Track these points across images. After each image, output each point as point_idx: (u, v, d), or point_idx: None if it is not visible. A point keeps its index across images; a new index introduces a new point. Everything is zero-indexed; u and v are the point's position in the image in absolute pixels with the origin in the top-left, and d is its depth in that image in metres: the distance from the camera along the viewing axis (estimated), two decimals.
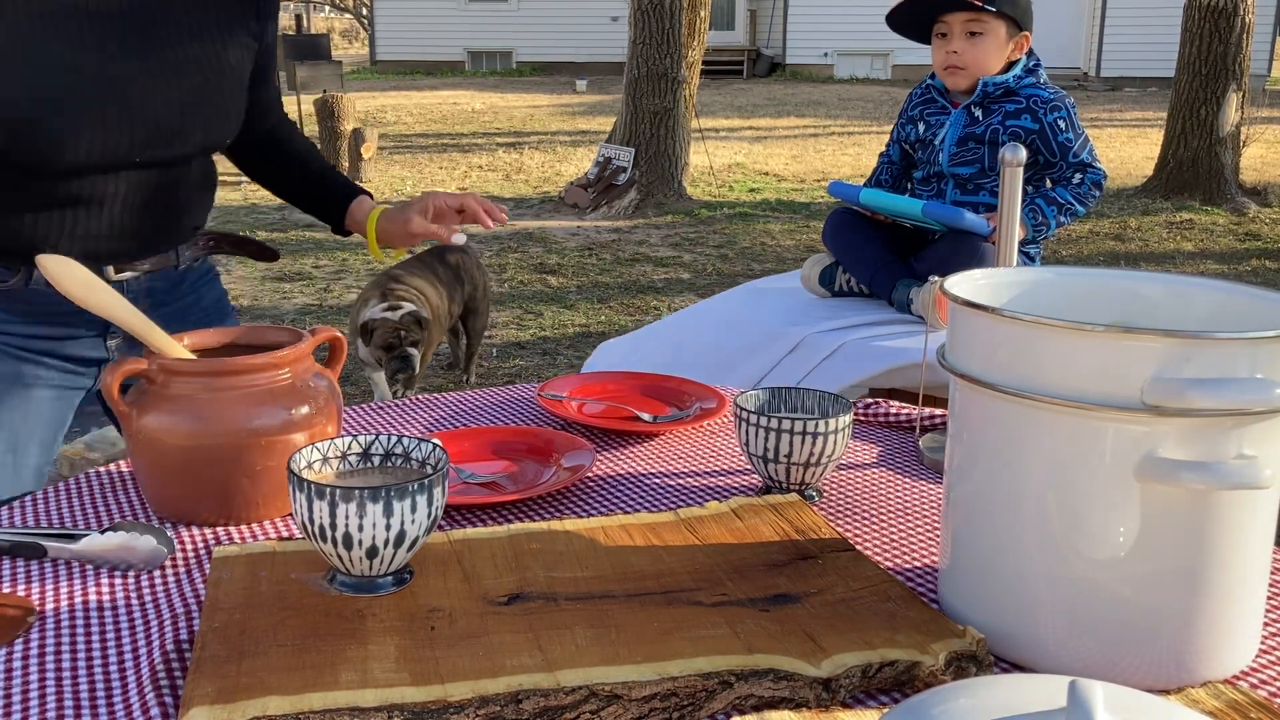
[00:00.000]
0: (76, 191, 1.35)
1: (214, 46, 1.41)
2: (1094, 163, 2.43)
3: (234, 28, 1.44)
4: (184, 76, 1.37)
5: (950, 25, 2.43)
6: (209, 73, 1.39)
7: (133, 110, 1.33)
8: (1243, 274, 6.28)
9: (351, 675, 0.74)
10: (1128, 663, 0.80)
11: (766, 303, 2.65)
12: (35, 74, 1.27)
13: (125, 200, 1.39)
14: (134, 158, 1.35)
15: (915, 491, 1.19)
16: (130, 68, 1.32)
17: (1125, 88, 16.89)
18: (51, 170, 1.32)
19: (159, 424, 1.04)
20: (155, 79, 1.34)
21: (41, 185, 1.34)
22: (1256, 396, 0.74)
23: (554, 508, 1.12)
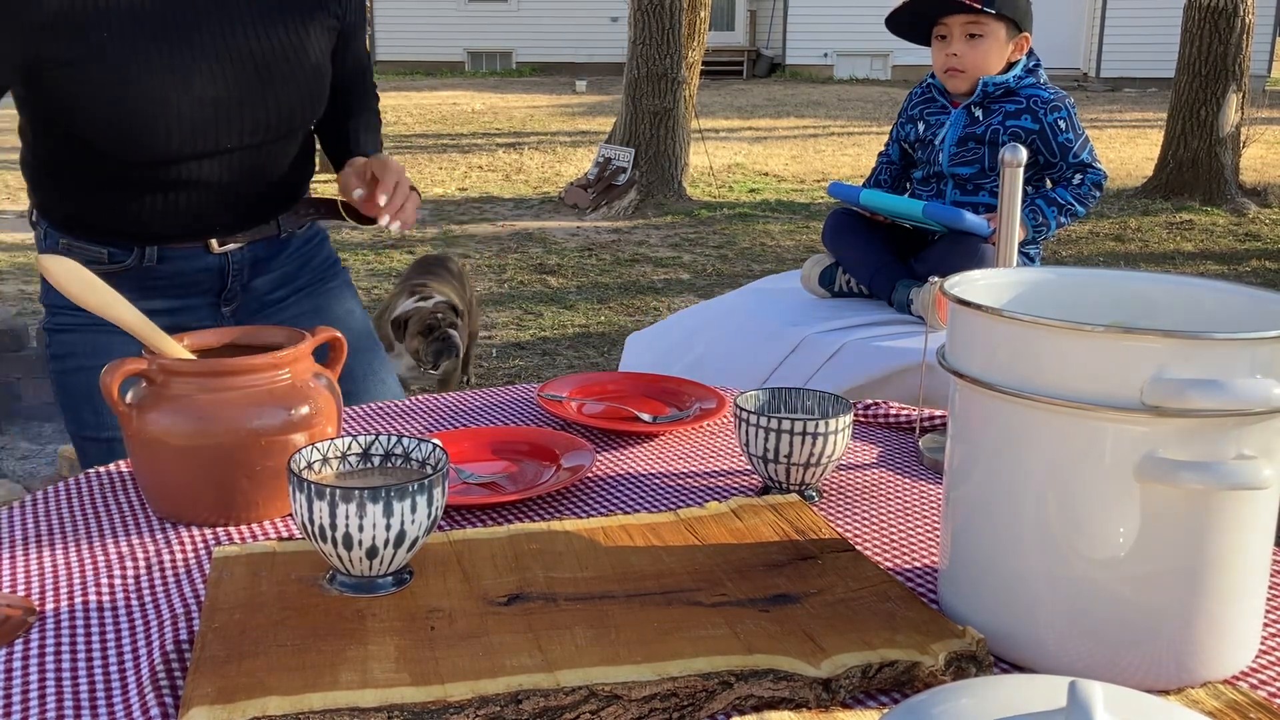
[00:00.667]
0: (177, 176, 1.47)
1: (298, 35, 1.50)
2: (1094, 163, 2.43)
3: (315, 13, 1.53)
4: (272, 68, 1.47)
5: (950, 27, 2.43)
6: (294, 62, 1.49)
7: (228, 105, 1.44)
8: (1243, 274, 6.28)
9: (351, 675, 0.74)
10: (1128, 663, 0.80)
11: (766, 303, 2.65)
12: (138, 78, 1.38)
13: (223, 180, 1.51)
14: (230, 144, 1.47)
15: (915, 491, 1.19)
16: (221, 66, 1.43)
17: (1125, 88, 16.90)
18: (155, 162, 1.45)
19: (159, 424, 1.04)
20: (244, 74, 1.45)
21: (146, 175, 1.46)
22: (1256, 397, 0.74)
23: (554, 508, 1.12)
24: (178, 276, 1.54)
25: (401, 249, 6.79)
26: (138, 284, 1.52)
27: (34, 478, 3.40)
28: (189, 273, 1.57)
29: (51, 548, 1.02)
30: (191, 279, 1.56)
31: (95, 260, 1.52)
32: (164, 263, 1.54)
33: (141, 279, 1.54)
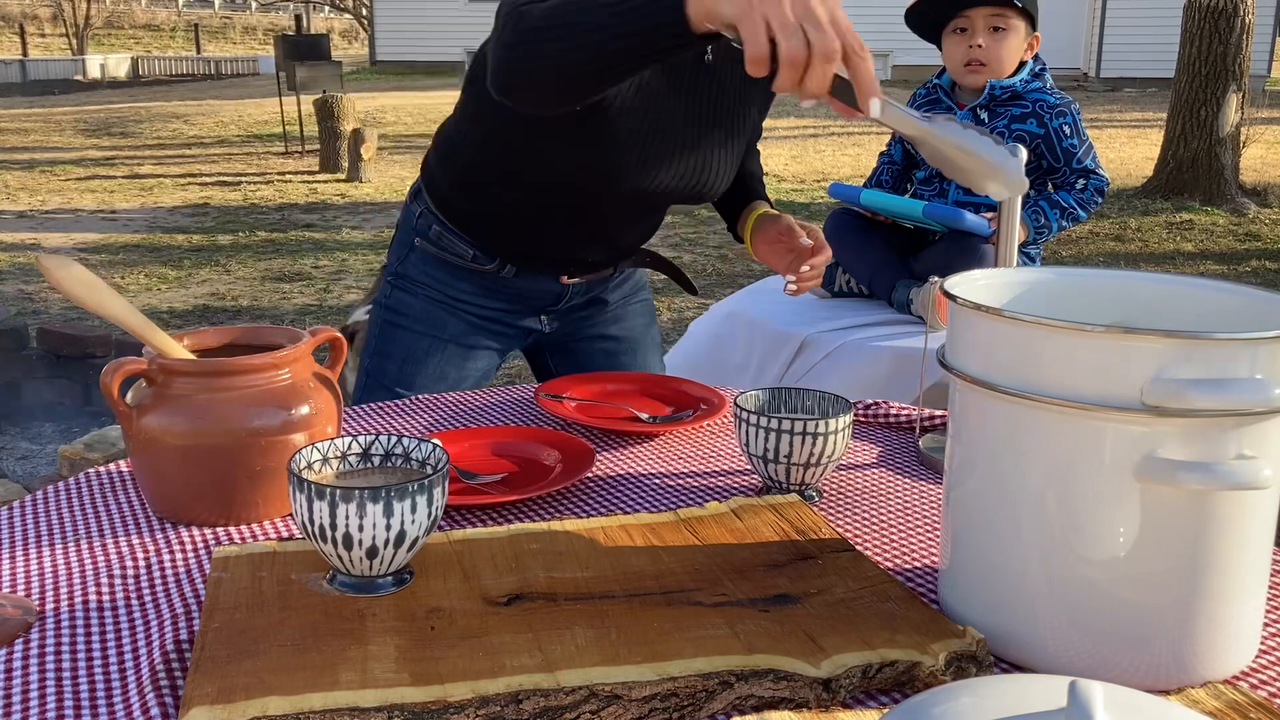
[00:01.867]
0: (604, 221, 1.59)
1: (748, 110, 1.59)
2: (1097, 169, 2.43)
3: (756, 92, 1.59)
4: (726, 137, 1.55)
5: (973, 20, 2.42)
6: (737, 135, 1.56)
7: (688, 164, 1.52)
8: (1243, 274, 6.28)
9: (351, 675, 0.74)
10: (1128, 663, 0.80)
11: (767, 303, 2.65)
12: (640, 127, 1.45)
13: (621, 225, 1.62)
14: (662, 199, 1.56)
15: (915, 491, 1.19)
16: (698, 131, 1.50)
17: (1125, 88, 16.89)
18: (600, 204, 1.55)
19: (159, 424, 1.04)
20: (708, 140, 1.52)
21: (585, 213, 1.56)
22: (1256, 397, 0.74)
23: (554, 508, 1.12)
24: (522, 290, 1.67)
25: None
26: (485, 284, 1.66)
27: (34, 478, 3.40)
28: (533, 292, 1.69)
29: (51, 548, 1.02)
30: (532, 296, 1.69)
31: (457, 256, 1.64)
32: (517, 278, 1.65)
33: (490, 282, 1.66)
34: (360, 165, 9.34)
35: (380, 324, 1.70)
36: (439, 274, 1.67)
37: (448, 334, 1.67)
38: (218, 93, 17.52)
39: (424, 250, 1.67)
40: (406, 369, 1.66)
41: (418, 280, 1.68)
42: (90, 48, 26.79)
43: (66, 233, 7.31)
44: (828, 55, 0.89)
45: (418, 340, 1.67)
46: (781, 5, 0.91)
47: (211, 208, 8.28)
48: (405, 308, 1.68)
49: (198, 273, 6.22)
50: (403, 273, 1.69)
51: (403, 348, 1.67)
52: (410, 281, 1.68)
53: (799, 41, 0.90)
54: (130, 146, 11.54)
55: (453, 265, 1.66)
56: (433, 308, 1.67)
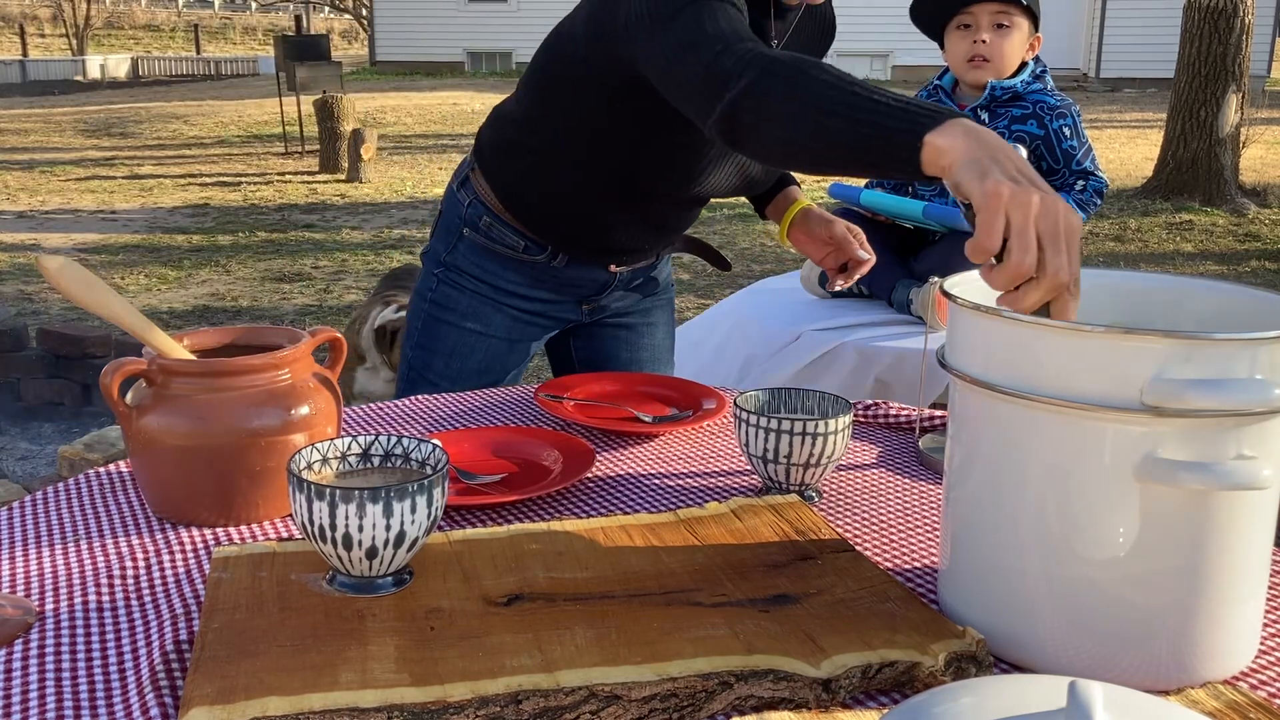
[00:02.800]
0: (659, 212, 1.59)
1: None
2: (1096, 171, 2.43)
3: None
4: None
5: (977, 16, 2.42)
6: None
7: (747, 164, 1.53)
8: (1243, 275, 6.28)
9: (351, 676, 0.74)
10: (1127, 663, 0.80)
11: (766, 303, 2.65)
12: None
13: (674, 223, 1.64)
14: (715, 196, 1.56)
15: (915, 491, 1.19)
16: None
17: (1125, 88, 16.90)
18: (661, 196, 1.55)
19: (159, 424, 1.04)
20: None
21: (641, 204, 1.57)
22: (1256, 397, 0.74)
23: (554, 508, 1.12)
24: (570, 280, 1.68)
25: (401, 249, 6.79)
26: (533, 275, 1.67)
27: (34, 478, 3.40)
28: (581, 281, 1.70)
29: (51, 548, 1.02)
30: (579, 285, 1.70)
31: (509, 247, 1.65)
32: (568, 268, 1.66)
33: (539, 272, 1.67)
34: (360, 165, 9.34)
35: (424, 317, 1.70)
36: (488, 264, 1.66)
37: (494, 331, 1.68)
38: (218, 93, 17.52)
39: (473, 240, 1.66)
40: (453, 364, 1.67)
41: (466, 271, 1.67)
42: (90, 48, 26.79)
43: (66, 233, 7.31)
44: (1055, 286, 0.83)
45: (464, 336, 1.68)
46: (1029, 212, 0.83)
47: (211, 208, 8.28)
48: (452, 303, 1.68)
49: (198, 273, 6.22)
50: (451, 263, 1.68)
51: (448, 343, 1.68)
52: (459, 273, 1.68)
53: (1033, 259, 0.83)
54: (130, 147, 11.54)
55: (502, 256, 1.66)
56: (480, 303, 1.67)
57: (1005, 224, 0.84)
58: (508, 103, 1.65)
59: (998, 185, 0.85)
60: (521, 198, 1.62)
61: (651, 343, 1.85)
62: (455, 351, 1.68)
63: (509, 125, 1.63)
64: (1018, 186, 0.85)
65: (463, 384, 1.67)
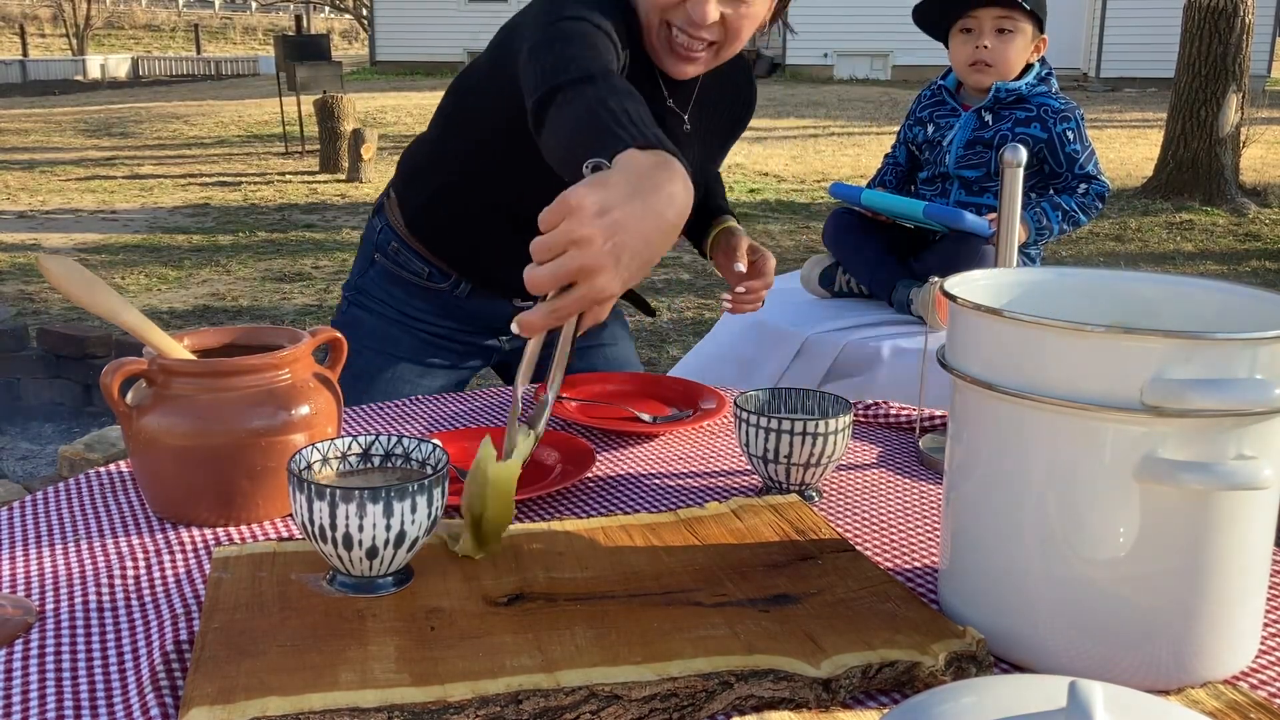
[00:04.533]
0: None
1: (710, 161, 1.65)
2: (1099, 175, 2.43)
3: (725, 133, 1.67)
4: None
5: (980, 20, 2.42)
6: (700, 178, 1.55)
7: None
8: (1243, 274, 6.28)
9: (351, 676, 0.74)
10: (1128, 663, 0.80)
11: (767, 303, 2.65)
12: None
13: None
14: None
15: (915, 491, 1.19)
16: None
17: (1125, 88, 16.89)
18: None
19: (159, 424, 1.04)
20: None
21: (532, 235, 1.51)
22: (1256, 397, 0.74)
23: (554, 508, 1.12)
24: (475, 312, 1.69)
25: None
26: (439, 304, 1.68)
27: (34, 478, 3.40)
28: (485, 313, 1.70)
29: (51, 548, 1.02)
30: (485, 318, 1.70)
31: (414, 274, 1.66)
32: (470, 299, 1.67)
33: (444, 302, 1.68)
34: (360, 165, 9.34)
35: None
36: (396, 291, 1.68)
37: (401, 351, 1.68)
38: (218, 93, 17.52)
39: (383, 266, 1.68)
40: (359, 385, 1.66)
41: (375, 296, 1.69)
42: (90, 48, 26.80)
43: (66, 233, 7.31)
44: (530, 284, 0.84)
45: (371, 359, 1.68)
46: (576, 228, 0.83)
47: (211, 208, 8.28)
48: (359, 324, 1.69)
49: (198, 273, 6.22)
50: (361, 287, 1.70)
51: (356, 365, 1.65)
52: (367, 297, 1.69)
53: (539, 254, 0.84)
54: (130, 147, 11.54)
55: (409, 283, 1.67)
56: (387, 325, 1.68)
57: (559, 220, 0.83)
58: (425, 131, 1.66)
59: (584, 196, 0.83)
60: (426, 224, 1.63)
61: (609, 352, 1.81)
62: (362, 373, 1.67)
63: (420, 153, 1.65)
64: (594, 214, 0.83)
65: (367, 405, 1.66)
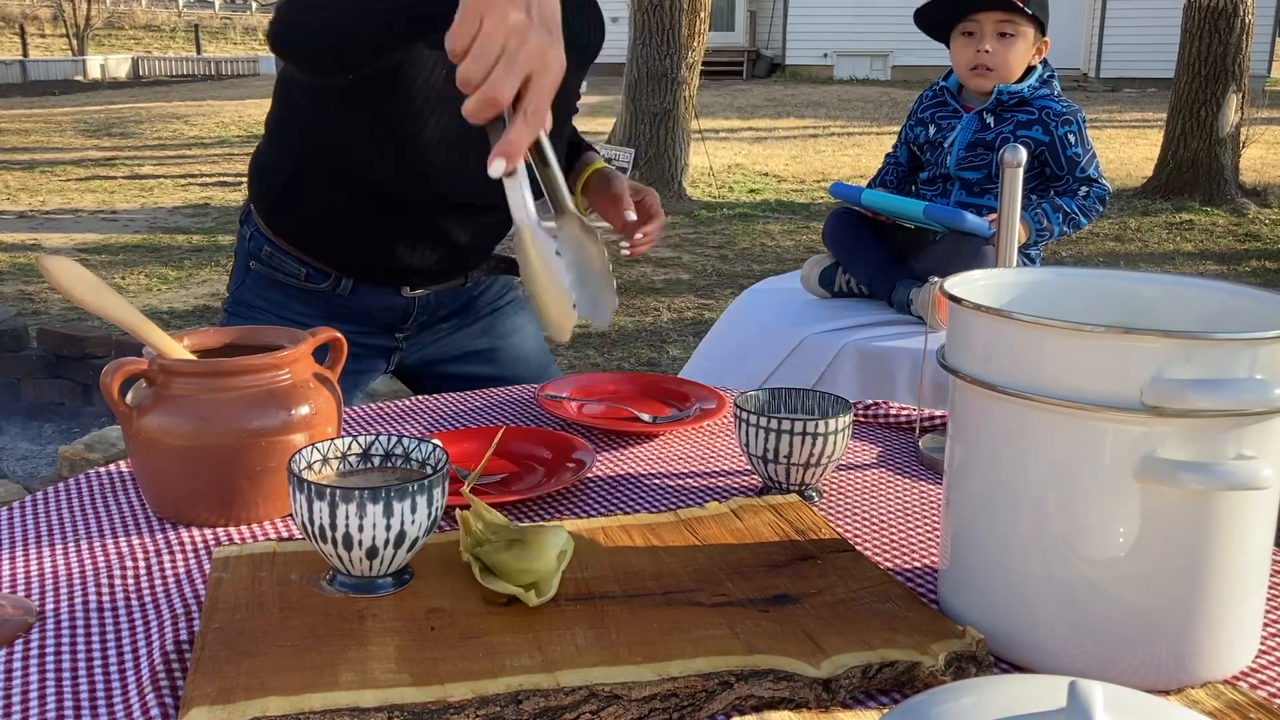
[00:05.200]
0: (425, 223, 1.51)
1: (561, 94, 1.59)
2: (1099, 178, 2.43)
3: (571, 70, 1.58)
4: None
5: (981, 24, 2.42)
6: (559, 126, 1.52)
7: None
8: (1243, 274, 6.28)
9: (351, 676, 0.74)
10: (1128, 663, 0.80)
11: (767, 303, 2.65)
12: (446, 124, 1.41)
13: (456, 233, 1.55)
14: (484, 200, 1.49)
15: (915, 491, 1.19)
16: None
17: (1125, 88, 16.90)
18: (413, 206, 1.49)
19: (159, 424, 1.04)
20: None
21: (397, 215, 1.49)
22: (1256, 397, 0.74)
23: (554, 508, 1.12)
24: (365, 309, 1.60)
25: None
26: (323, 306, 1.59)
27: (34, 478, 3.40)
28: (376, 309, 1.62)
29: (51, 548, 1.02)
30: (377, 313, 1.62)
31: (291, 275, 1.58)
32: (355, 295, 1.59)
33: (327, 303, 1.59)
34: None
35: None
36: (275, 296, 1.60)
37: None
38: (218, 93, 17.52)
39: (259, 273, 1.60)
40: None
41: (254, 305, 1.60)
42: (90, 48, 26.79)
43: (66, 233, 7.32)
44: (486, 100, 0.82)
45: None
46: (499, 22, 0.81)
47: (212, 208, 8.28)
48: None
49: (198, 273, 6.22)
50: (240, 299, 1.62)
51: None
52: (247, 308, 1.61)
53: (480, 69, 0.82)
54: (130, 147, 11.54)
55: (288, 286, 1.59)
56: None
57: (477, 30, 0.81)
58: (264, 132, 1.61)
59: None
60: (286, 220, 1.57)
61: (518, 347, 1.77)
62: None
63: (263, 150, 1.59)
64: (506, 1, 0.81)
65: None
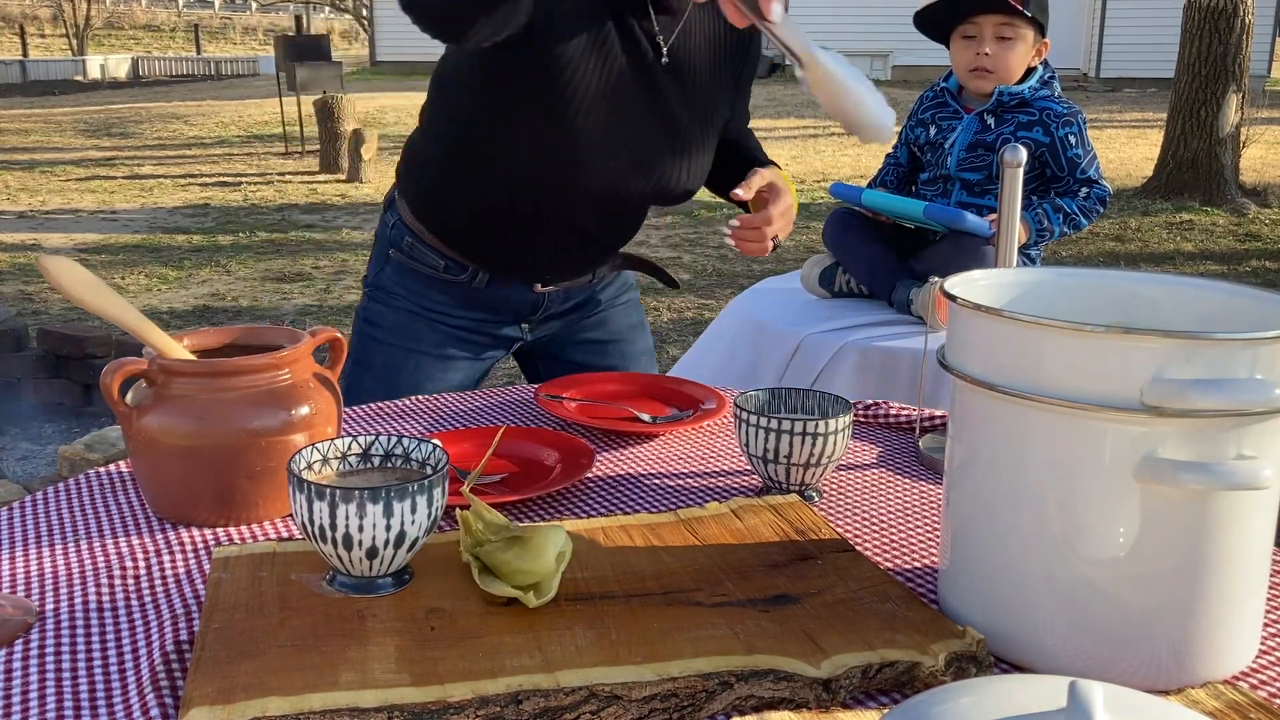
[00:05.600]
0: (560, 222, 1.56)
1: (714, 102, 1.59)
2: (1100, 179, 2.43)
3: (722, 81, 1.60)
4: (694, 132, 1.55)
5: (981, 27, 2.42)
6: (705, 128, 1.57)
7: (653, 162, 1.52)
8: (1243, 274, 6.28)
9: (351, 676, 0.74)
10: (1128, 663, 0.80)
11: (767, 303, 2.65)
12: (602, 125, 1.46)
13: (592, 228, 1.60)
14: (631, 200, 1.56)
15: (915, 491, 1.19)
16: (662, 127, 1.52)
17: (1125, 88, 16.89)
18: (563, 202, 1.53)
19: (159, 424, 1.04)
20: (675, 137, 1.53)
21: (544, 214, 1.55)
22: (1256, 397, 0.74)
23: (554, 508, 1.12)
24: (497, 300, 1.67)
25: None
26: (459, 296, 1.66)
27: (34, 478, 3.40)
28: (509, 301, 1.68)
29: (51, 548, 1.02)
30: (508, 305, 1.69)
31: (430, 267, 1.64)
32: (490, 287, 1.65)
33: (464, 294, 1.66)
34: (360, 166, 9.34)
35: (358, 335, 1.71)
36: (414, 285, 1.66)
37: (423, 346, 1.67)
38: (218, 93, 17.52)
39: (398, 261, 1.67)
40: (383, 380, 1.66)
41: (393, 292, 1.67)
42: (90, 48, 26.79)
43: (66, 233, 7.31)
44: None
45: (393, 354, 1.67)
46: None
47: (211, 208, 8.28)
48: (381, 319, 1.68)
49: (198, 273, 6.22)
50: (379, 284, 1.69)
51: (379, 360, 1.67)
52: (386, 293, 1.68)
53: None
54: (130, 147, 11.54)
55: (426, 277, 1.65)
56: (408, 319, 1.67)
57: None
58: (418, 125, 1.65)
59: None
60: (434, 213, 1.62)
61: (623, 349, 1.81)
62: (385, 368, 1.66)
63: (413, 145, 1.64)
64: None
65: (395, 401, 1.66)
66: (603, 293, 1.78)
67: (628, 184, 1.52)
